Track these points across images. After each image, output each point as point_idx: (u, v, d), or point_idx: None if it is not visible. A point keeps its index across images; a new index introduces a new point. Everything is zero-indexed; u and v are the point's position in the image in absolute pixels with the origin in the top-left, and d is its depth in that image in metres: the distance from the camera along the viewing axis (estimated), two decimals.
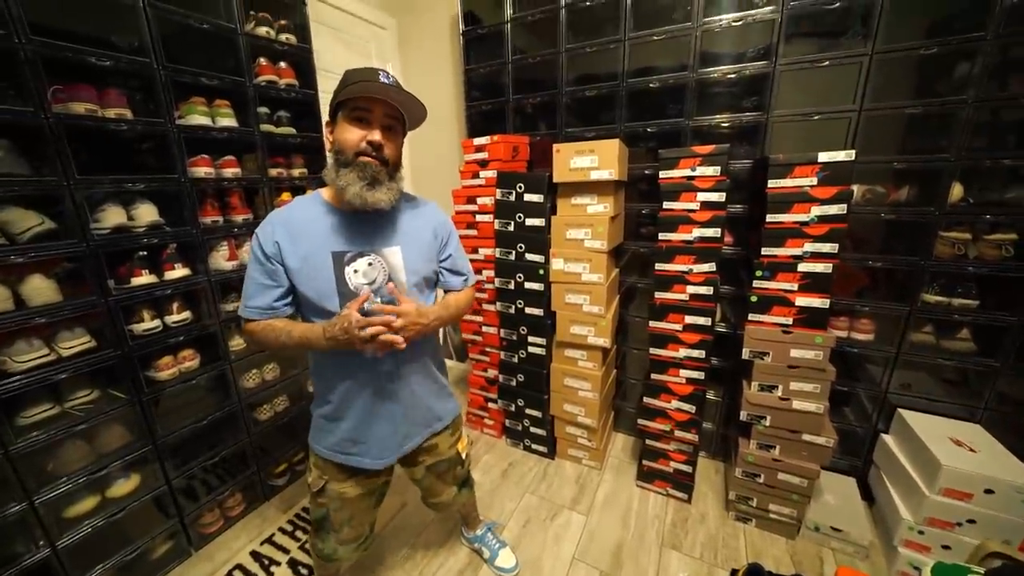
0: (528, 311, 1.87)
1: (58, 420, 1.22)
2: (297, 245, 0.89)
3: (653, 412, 1.75)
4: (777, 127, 1.60)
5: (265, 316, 0.92)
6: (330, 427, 1.02)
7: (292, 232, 0.89)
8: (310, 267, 0.89)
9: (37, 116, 1.09)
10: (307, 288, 0.90)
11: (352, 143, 0.86)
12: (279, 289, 0.91)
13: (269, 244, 0.89)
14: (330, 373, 0.99)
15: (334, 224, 0.92)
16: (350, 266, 0.91)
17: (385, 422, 1.01)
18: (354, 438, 1.01)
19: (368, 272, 0.92)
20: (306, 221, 0.91)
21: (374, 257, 0.93)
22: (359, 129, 0.86)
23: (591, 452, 1.98)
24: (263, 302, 0.91)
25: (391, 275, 0.95)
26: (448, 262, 1.09)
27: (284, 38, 1.63)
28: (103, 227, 1.26)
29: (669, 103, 1.77)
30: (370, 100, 0.85)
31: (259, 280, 0.91)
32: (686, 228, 1.51)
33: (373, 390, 0.98)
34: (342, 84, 0.87)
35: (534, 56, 1.98)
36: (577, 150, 1.56)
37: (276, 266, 0.89)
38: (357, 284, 0.91)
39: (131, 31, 1.24)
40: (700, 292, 1.55)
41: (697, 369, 1.62)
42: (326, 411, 1.01)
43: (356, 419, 0.99)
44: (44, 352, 1.19)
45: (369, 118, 0.87)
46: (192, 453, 1.56)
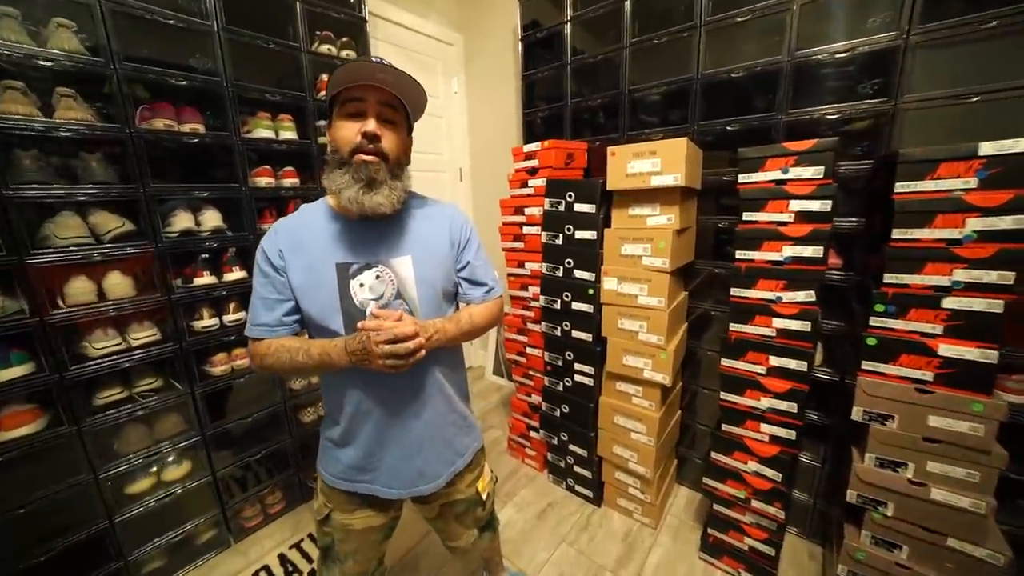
0: (575, 335, 1.66)
1: (125, 403, 1.35)
2: (300, 256, 0.81)
3: (724, 472, 1.41)
4: (909, 116, 1.21)
5: (274, 334, 0.84)
6: (337, 453, 0.92)
7: (296, 241, 0.82)
8: (313, 280, 0.81)
9: (123, 131, 1.22)
10: (309, 304, 0.82)
11: (346, 139, 0.77)
12: (288, 303, 0.83)
13: (274, 254, 0.82)
14: (339, 393, 0.89)
15: (338, 233, 0.83)
16: (355, 280, 0.81)
17: (397, 450, 0.90)
18: (362, 466, 0.90)
19: (375, 286, 0.82)
20: (310, 230, 0.83)
21: (382, 269, 0.83)
22: (354, 123, 0.78)
23: (645, 506, 1.68)
24: (271, 318, 0.83)
25: (400, 289, 0.84)
26: (466, 271, 0.96)
27: (345, 54, 1.70)
28: (173, 230, 1.38)
29: (756, 95, 1.47)
30: (361, 89, 0.77)
31: (265, 295, 0.83)
32: (774, 245, 1.20)
33: (384, 413, 0.87)
34: (335, 79, 0.79)
35: (594, 55, 1.81)
36: (635, 152, 1.35)
37: (283, 277, 0.82)
38: (363, 300, 0.81)
39: (207, 54, 1.36)
40: (792, 327, 1.21)
41: (786, 426, 1.26)
42: (334, 434, 0.92)
43: (365, 445, 0.89)
44: (117, 341, 1.32)
45: (363, 109, 0.78)
46: (238, 447, 1.64)
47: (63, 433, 1.22)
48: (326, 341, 0.80)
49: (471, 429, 1.03)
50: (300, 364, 0.81)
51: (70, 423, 1.23)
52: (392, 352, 0.73)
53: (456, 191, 2.81)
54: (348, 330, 0.81)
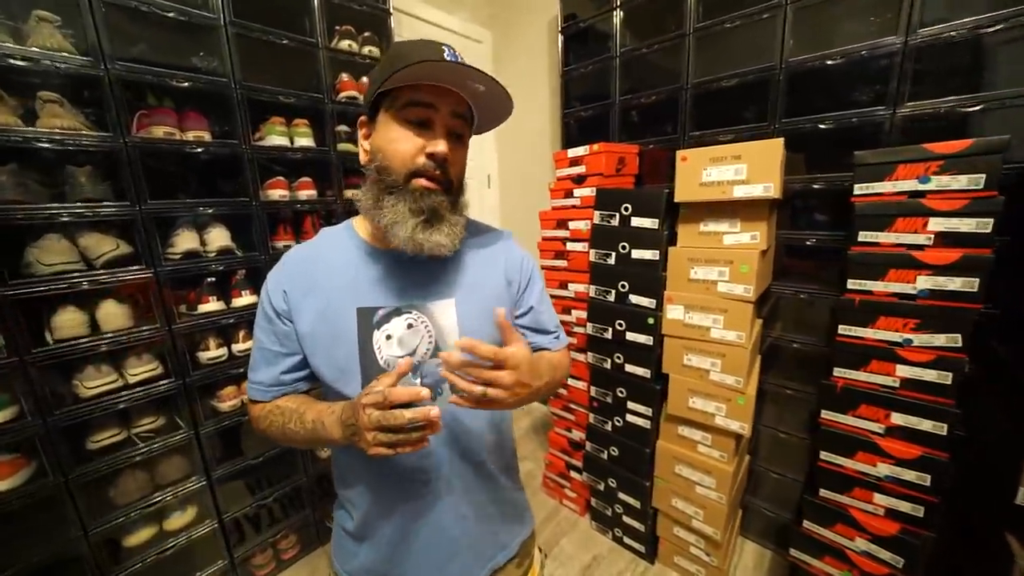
0: (629, 369, 1.43)
1: (123, 447, 1.19)
2: (311, 297, 0.62)
3: (820, 546, 1.15)
4: None
5: (271, 395, 0.65)
6: (352, 548, 0.70)
7: (307, 278, 0.63)
8: (325, 330, 0.61)
9: (117, 141, 1.07)
10: (320, 362, 0.62)
11: (405, 156, 0.57)
12: (292, 358, 0.64)
13: (277, 295, 0.62)
14: (351, 474, 0.68)
15: (364, 267, 0.63)
16: (381, 330, 0.61)
17: (426, 554, 0.67)
18: (383, 571, 0.68)
19: (407, 339, 0.61)
20: (327, 263, 0.64)
21: (416, 316, 0.62)
22: (416, 136, 0.57)
23: (709, 569, 1.43)
24: (268, 376, 0.64)
25: (438, 342, 0.62)
26: (528, 317, 0.74)
27: (367, 51, 1.52)
28: (176, 252, 1.22)
29: (858, 86, 1.21)
30: (433, 92, 0.56)
31: (266, 345, 0.64)
32: (904, 274, 0.94)
33: (409, 508, 0.65)
34: (387, 65, 0.56)
35: (650, 45, 1.58)
36: (714, 157, 1.11)
37: (287, 326, 0.62)
38: (389, 357, 0.60)
39: (212, 51, 1.20)
40: (925, 378, 0.95)
41: (913, 500, 1.00)
42: (348, 525, 0.70)
43: (385, 546, 0.67)
44: (113, 378, 1.16)
45: (431, 119, 0.57)
46: (248, 489, 1.47)
47: (49, 485, 1.06)
48: (324, 407, 0.60)
49: (521, 516, 0.80)
50: (291, 432, 0.61)
51: (56, 474, 1.07)
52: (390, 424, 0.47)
53: (484, 200, 2.61)
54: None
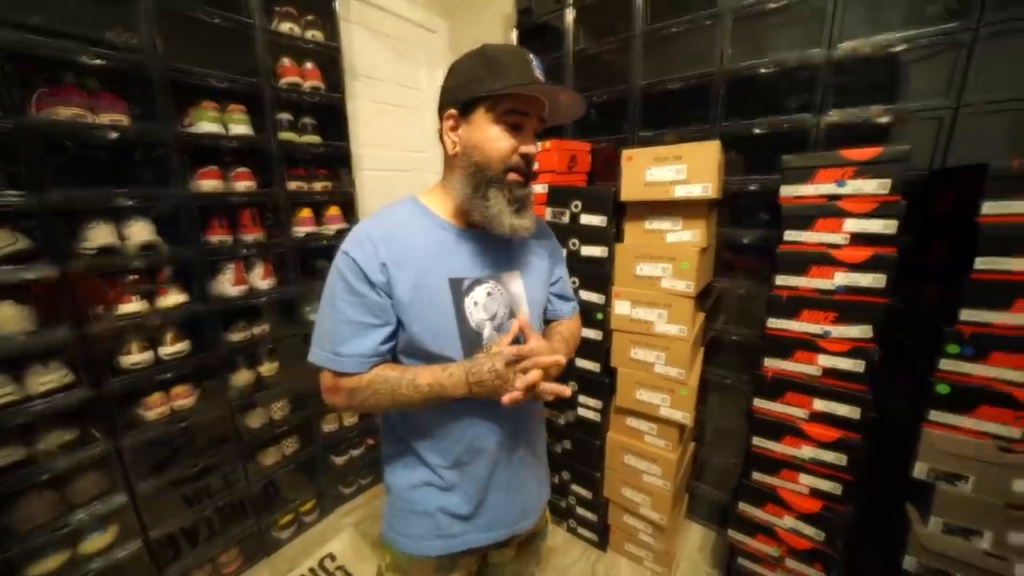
0: (579, 363, 1.46)
1: (24, 466, 1.06)
2: (406, 270, 0.66)
3: (753, 526, 1.23)
4: (969, 121, 1.05)
5: (370, 365, 0.68)
6: (429, 505, 0.75)
7: (400, 252, 0.67)
8: (424, 299, 0.67)
9: (9, 121, 0.94)
10: (421, 327, 0.67)
11: (504, 154, 0.66)
12: (386, 328, 0.68)
13: (374, 268, 0.65)
14: (448, 428, 0.73)
15: (446, 243, 0.71)
16: (469, 296, 0.70)
17: (505, 488, 0.78)
18: (463, 514, 0.75)
19: (488, 304, 0.72)
20: (412, 238, 0.69)
21: (493, 285, 0.73)
22: (512, 137, 0.66)
23: (657, 553, 1.49)
24: (366, 347, 0.67)
25: (512, 307, 0.74)
26: (557, 286, 0.89)
27: (311, 35, 1.44)
28: (90, 247, 1.10)
29: (789, 94, 1.29)
30: (528, 101, 0.66)
31: (356, 317, 0.66)
32: (823, 271, 1.02)
33: (499, 448, 0.75)
34: (487, 70, 0.64)
35: (600, 45, 1.60)
36: (656, 157, 1.15)
37: (384, 298, 0.66)
38: (479, 320, 0.70)
39: (130, 27, 1.09)
40: (842, 367, 1.03)
41: (833, 479, 1.09)
42: (434, 479, 0.74)
43: (470, 488, 0.75)
44: (7, 390, 1.03)
45: (524, 124, 0.67)
46: (182, 501, 1.37)
47: None
48: (437, 369, 0.67)
49: (546, 461, 0.93)
50: (404, 398, 0.67)
51: None
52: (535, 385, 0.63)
53: None
54: (467, 354, 0.69)
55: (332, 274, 0.68)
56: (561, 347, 0.77)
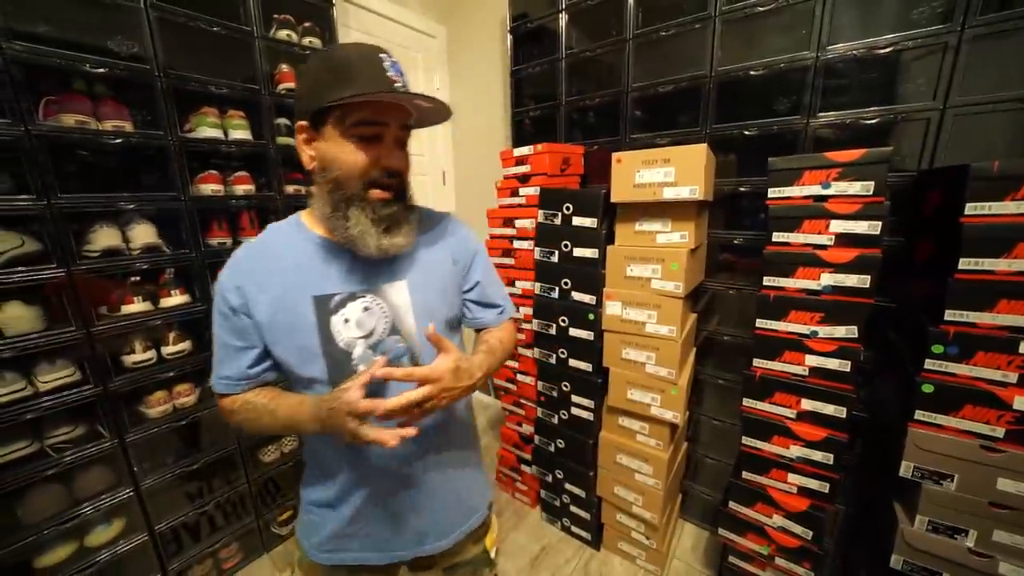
0: (572, 364, 1.47)
1: (33, 460, 1.11)
2: (267, 290, 0.64)
3: (743, 524, 1.24)
4: (958, 122, 1.06)
5: (240, 388, 0.68)
6: (322, 516, 0.75)
7: (261, 272, 0.65)
8: (284, 320, 0.64)
9: (18, 128, 0.98)
10: (283, 350, 0.65)
11: (360, 170, 0.61)
12: (253, 350, 0.67)
13: (231, 290, 0.64)
14: (326, 458, 0.73)
15: (316, 258, 0.66)
16: (338, 314, 0.65)
17: (399, 508, 0.74)
18: (351, 531, 0.74)
19: (364, 320, 0.66)
20: (280, 256, 0.66)
21: (371, 299, 0.67)
22: (367, 149, 0.61)
23: (649, 552, 1.51)
24: (234, 370, 0.67)
25: (395, 322, 0.68)
26: (475, 292, 0.80)
27: (308, 41, 1.47)
28: (94, 249, 1.14)
29: (779, 96, 1.30)
30: (382, 109, 0.60)
31: (226, 340, 0.67)
32: (809, 272, 1.03)
33: (383, 487, 0.72)
34: (332, 75, 0.58)
35: (593, 48, 1.62)
36: (645, 160, 1.17)
37: (244, 320, 0.65)
38: (349, 339, 0.65)
39: (132, 36, 1.13)
40: (829, 366, 1.04)
41: (820, 478, 1.10)
42: (323, 495, 0.74)
43: (359, 505, 0.73)
44: (20, 386, 1.08)
45: (383, 134, 0.61)
46: (184, 497, 1.41)
47: None
48: (296, 402, 0.66)
49: (482, 481, 0.88)
50: (266, 426, 0.68)
51: None
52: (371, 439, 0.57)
53: (439, 196, 2.59)
54: (333, 376, 0.65)
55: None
56: (485, 360, 0.72)
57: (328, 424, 0.60)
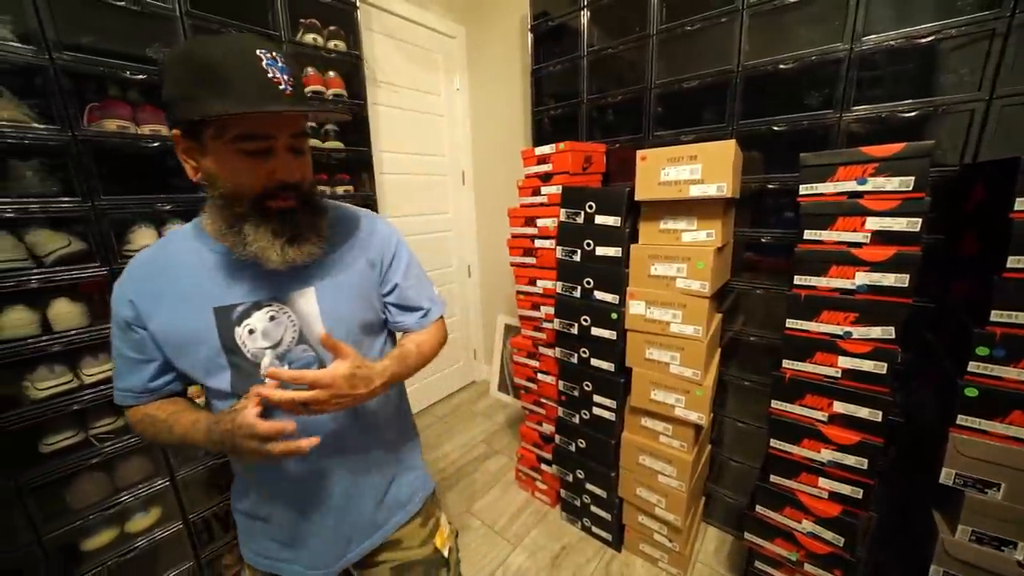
0: (594, 363, 1.46)
1: (80, 449, 1.16)
2: (162, 303, 0.62)
3: (770, 529, 1.21)
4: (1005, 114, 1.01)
5: (143, 401, 0.67)
6: (254, 527, 0.76)
7: (154, 285, 0.62)
8: (183, 333, 0.62)
9: (65, 134, 1.03)
10: (185, 364, 0.64)
11: (249, 186, 0.56)
12: (152, 363, 0.65)
13: (124, 304, 0.62)
14: (238, 470, 0.75)
15: (216, 267, 0.63)
16: (243, 325, 0.63)
17: (317, 529, 0.73)
18: (285, 541, 0.74)
19: (270, 330, 0.64)
20: (174, 267, 0.63)
21: (277, 308, 0.64)
22: (259, 164, 0.56)
23: (672, 555, 1.49)
24: (134, 383, 0.66)
25: (303, 331, 0.66)
26: (394, 295, 0.76)
27: (333, 44, 1.50)
28: (133, 249, 1.19)
29: (809, 90, 1.26)
30: (263, 122, 0.54)
31: (123, 352, 0.65)
32: (844, 270, 1.00)
33: (294, 492, 0.71)
34: (199, 83, 0.51)
35: (615, 45, 1.60)
36: (671, 157, 1.15)
37: (140, 333, 0.63)
38: (255, 350, 0.64)
39: (168, 43, 1.17)
40: (864, 368, 1.01)
41: (853, 483, 1.06)
42: (246, 507, 0.76)
43: (284, 516, 0.73)
44: (67, 379, 1.13)
45: (272, 147, 0.56)
46: (216, 488, 1.46)
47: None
48: (190, 421, 0.64)
49: (414, 473, 0.85)
50: (165, 440, 0.67)
51: (6, 478, 1.04)
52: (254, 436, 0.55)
53: (459, 196, 2.61)
54: (237, 389, 0.64)
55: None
56: (391, 367, 0.68)
57: (226, 446, 0.58)
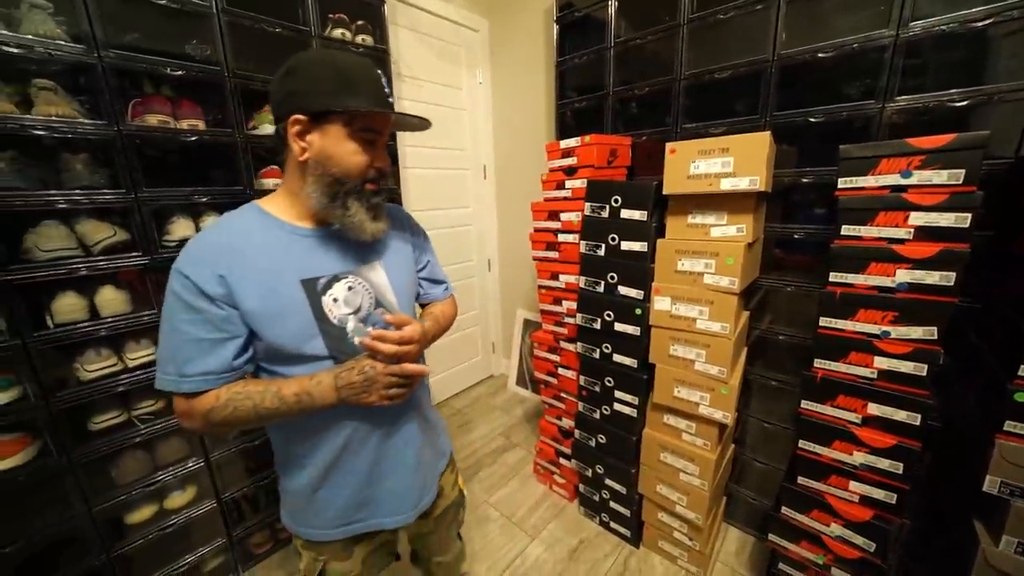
0: (617, 359, 1.45)
1: (124, 428, 1.23)
2: (249, 279, 0.65)
3: (797, 532, 1.19)
4: None
5: (222, 382, 0.66)
6: (321, 502, 0.77)
7: (238, 262, 0.65)
8: (275, 306, 0.66)
9: (112, 128, 1.08)
10: (278, 334, 0.67)
11: (362, 169, 0.69)
12: (235, 341, 0.66)
13: (210, 280, 0.63)
14: (317, 434, 0.75)
15: (295, 246, 0.70)
16: (327, 295, 0.70)
17: (398, 475, 0.82)
18: (358, 502, 0.79)
19: (350, 298, 0.73)
20: (253, 247, 0.67)
21: (354, 279, 0.74)
22: (367, 151, 0.69)
23: (692, 553, 1.47)
24: (215, 364, 0.64)
25: (378, 298, 0.76)
26: (426, 270, 0.94)
27: (360, 39, 1.51)
28: (172, 239, 1.24)
29: (850, 80, 1.21)
30: (380, 120, 0.70)
31: (200, 335, 0.63)
32: (884, 268, 0.96)
33: (382, 438, 0.79)
34: (340, 84, 0.65)
35: (644, 35, 1.57)
36: (701, 149, 1.12)
37: (227, 310, 0.64)
38: (341, 316, 0.71)
39: (205, 40, 1.21)
40: (902, 370, 0.97)
41: (886, 488, 1.03)
42: (309, 483, 0.76)
43: (360, 480, 0.78)
44: (112, 362, 1.20)
45: (376, 140, 0.70)
46: (247, 470, 1.52)
47: (52, 464, 1.10)
48: (304, 378, 0.68)
49: (442, 425, 0.99)
50: (268, 412, 0.66)
51: (60, 453, 1.11)
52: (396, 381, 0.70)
53: (481, 190, 2.61)
54: (332, 350, 0.71)
55: (167, 295, 0.64)
56: (432, 327, 0.84)
57: (354, 393, 0.68)
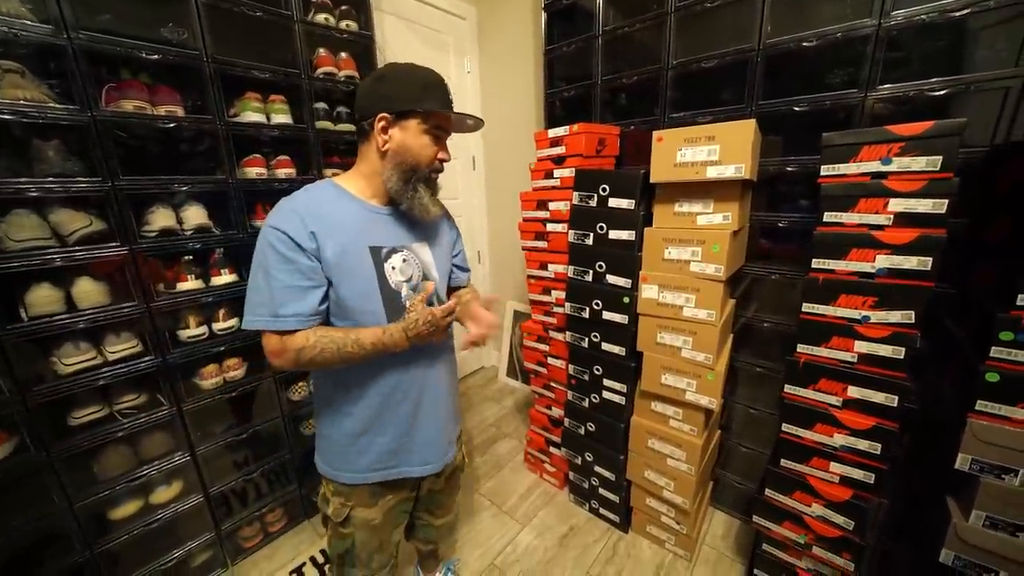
0: (605, 347, 1.47)
1: (105, 423, 1.20)
2: (332, 238, 0.77)
3: (780, 513, 1.22)
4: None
5: (311, 324, 0.77)
6: (362, 446, 0.89)
7: (326, 223, 0.77)
8: (349, 264, 0.79)
9: (84, 114, 1.04)
10: (348, 289, 0.79)
11: (430, 158, 0.84)
12: (320, 289, 0.77)
13: (303, 235, 0.74)
14: (365, 382, 0.87)
15: (365, 218, 0.83)
16: (388, 262, 0.84)
17: (431, 423, 0.95)
18: (395, 449, 0.91)
19: (404, 269, 0.86)
20: (335, 214, 0.80)
21: (408, 253, 0.87)
22: (436, 145, 0.84)
23: (679, 536, 1.51)
24: (306, 307, 0.76)
25: (425, 272, 0.91)
26: (459, 257, 1.06)
27: (345, 25, 1.48)
28: (152, 229, 1.21)
29: (833, 69, 1.22)
30: (448, 120, 0.85)
31: (292, 282, 0.74)
32: (864, 253, 0.98)
33: (421, 388, 0.92)
34: (421, 90, 0.80)
35: (631, 24, 1.56)
36: (688, 137, 1.13)
37: (315, 262, 0.76)
38: (397, 282, 0.85)
39: (182, 23, 1.17)
40: (880, 353, 0.99)
41: (865, 468, 1.06)
42: (353, 428, 0.88)
43: (399, 427, 0.91)
44: (91, 355, 1.17)
45: (443, 137, 0.86)
46: (234, 464, 1.50)
47: (31, 460, 1.08)
48: (377, 331, 0.79)
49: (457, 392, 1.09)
50: (348, 354, 0.78)
51: (38, 449, 1.09)
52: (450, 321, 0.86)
53: (470, 182, 2.60)
54: (389, 311, 0.83)
55: (262, 248, 0.74)
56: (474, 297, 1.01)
57: (422, 333, 0.80)
